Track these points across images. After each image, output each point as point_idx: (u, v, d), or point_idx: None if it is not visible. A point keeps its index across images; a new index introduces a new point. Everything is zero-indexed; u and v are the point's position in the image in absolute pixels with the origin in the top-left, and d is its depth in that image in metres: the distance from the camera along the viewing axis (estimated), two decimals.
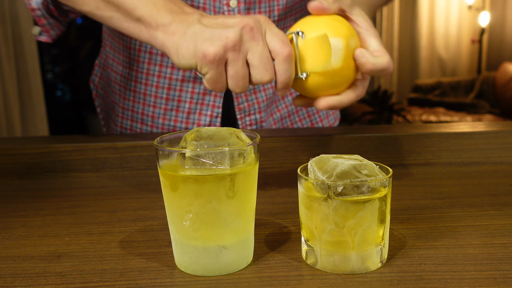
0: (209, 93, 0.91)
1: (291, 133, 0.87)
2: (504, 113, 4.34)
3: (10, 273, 0.49)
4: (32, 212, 0.66)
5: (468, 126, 0.87)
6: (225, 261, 0.48)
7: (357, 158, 0.49)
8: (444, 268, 0.48)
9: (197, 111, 0.92)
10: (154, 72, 0.91)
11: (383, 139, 0.83)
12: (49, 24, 0.85)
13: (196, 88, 0.91)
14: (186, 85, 0.91)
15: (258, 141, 0.49)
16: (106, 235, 0.58)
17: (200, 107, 0.92)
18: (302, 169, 0.50)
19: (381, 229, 0.48)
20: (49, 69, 4.40)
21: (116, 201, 0.69)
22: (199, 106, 0.92)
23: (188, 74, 0.90)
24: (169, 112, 0.93)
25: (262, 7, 0.87)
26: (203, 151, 0.46)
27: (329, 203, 0.46)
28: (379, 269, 0.48)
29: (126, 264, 0.50)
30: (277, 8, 0.88)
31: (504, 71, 4.47)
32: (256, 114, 0.93)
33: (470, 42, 5.23)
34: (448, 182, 0.74)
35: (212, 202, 0.46)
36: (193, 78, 0.90)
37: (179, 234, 0.48)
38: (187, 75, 0.90)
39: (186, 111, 0.92)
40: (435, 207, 0.64)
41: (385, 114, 4.29)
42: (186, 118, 0.93)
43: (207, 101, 0.91)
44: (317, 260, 0.48)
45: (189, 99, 0.91)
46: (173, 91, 0.91)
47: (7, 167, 0.81)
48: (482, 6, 5.08)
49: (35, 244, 0.56)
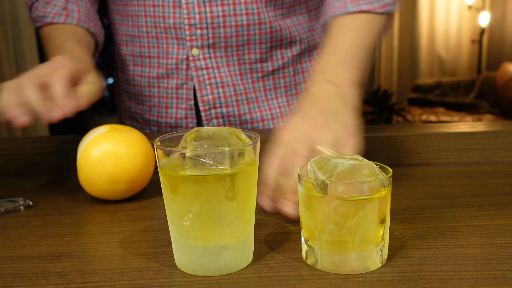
0: (181, 86, 0.93)
1: None
2: (504, 113, 4.34)
3: (10, 273, 0.49)
4: (32, 212, 0.66)
5: (468, 126, 0.87)
6: (225, 261, 0.48)
7: (357, 158, 0.49)
8: (444, 268, 0.48)
9: (173, 105, 0.95)
10: (137, 72, 0.96)
11: (383, 139, 0.83)
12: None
13: (170, 83, 0.94)
14: (162, 81, 0.94)
15: (258, 141, 0.49)
16: (106, 235, 0.58)
17: (176, 101, 0.95)
18: (302, 169, 0.50)
19: (381, 229, 0.48)
20: None
21: (116, 201, 0.69)
22: (174, 100, 0.95)
23: (161, 70, 0.93)
24: (153, 108, 0.97)
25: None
26: (203, 151, 0.46)
27: (329, 203, 0.46)
28: (379, 269, 0.48)
29: (126, 264, 0.50)
30: None
31: (504, 71, 4.47)
32: (223, 108, 0.94)
33: (470, 42, 5.23)
34: (448, 182, 0.74)
35: (212, 202, 0.46)
36: (165, 74, 0.93)
37: (179, 234, 0.48)
38: (160, 72, 0.93)
39: (164, 105, 0.96)
40: (435, 207, 0.64)
41: (385, 114, 4.29)
42: (165, 112, 0.96)
43: (180, 95, 0.94)
44: (317, 260, 0.48)
45: (165, 94, 0.95)
46: (152, 87, 0.95)
47: (7, 167, 0.81)
48: (482, 6, 5.08)
49: (35, 244, 0.56)
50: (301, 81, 0.99)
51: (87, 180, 0.67)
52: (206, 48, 0.91)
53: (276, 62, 0.95)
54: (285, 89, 0.98)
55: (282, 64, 0.96)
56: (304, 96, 0.69)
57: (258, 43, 0.92)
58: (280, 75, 0.96)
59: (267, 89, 0.96)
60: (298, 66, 0.98)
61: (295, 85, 0.98)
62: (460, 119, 4.25)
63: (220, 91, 0.93)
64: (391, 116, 4.33)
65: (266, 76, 0.95)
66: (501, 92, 4.43)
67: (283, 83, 0.97)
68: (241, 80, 0.94)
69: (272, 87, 0.96)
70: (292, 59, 0.96)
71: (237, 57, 0.92)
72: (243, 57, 0.93)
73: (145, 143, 0.69)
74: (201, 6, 0.88)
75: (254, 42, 0.92)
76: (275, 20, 0.91)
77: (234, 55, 0.92)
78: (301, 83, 0.99)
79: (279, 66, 0.96)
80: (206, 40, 0.90)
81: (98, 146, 0.66)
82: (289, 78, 0.97)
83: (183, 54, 0.91)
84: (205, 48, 0.91)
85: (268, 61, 0.94)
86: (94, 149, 0.66)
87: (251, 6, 0.89)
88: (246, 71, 0.94)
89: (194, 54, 0.91)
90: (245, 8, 0.89)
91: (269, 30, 0.91)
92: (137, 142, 0.68)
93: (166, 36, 0.91)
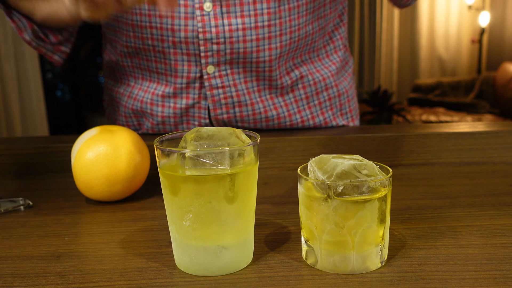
0: (192, 106, 0.87)
1: (291, 133, 0.87)
2: (504, 113, 4.34)
3: (10, 273, 0.49)
4: (32, 212, 0.66)
5: (468, 126, 0.87)
6: (225, 261, 0.48)
7: (357, 158, 0.49)
8: (444, 268, 0.48)
9: (183, 122, 0.89)
10: (143, 88, 0.89)
11: (383, 139, 0.83)
12: (49, 50, 0.84)
13: (178, 103, 0.87)
14: (168, 100, 0.87)
15: (258, 141, 0.49)
16: (106, 235, 0.58)
17: (186, 118, 0.88)
18: (302, 169, 0.50)
19: (381, 229, 0.48)
20: (49, 69, 4.41)
21: (116, 201, 0.69)
22: (184, 118, 0.89)
23: (168, 89, 0.87)
24: (158, 126, 0.91)
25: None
26: (203, 151, 0.46)
27: (329, 203, 0.46)
28: (379, 269, 0.48)
29: (126, 264, 0.50)
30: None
31: (504, 71, 4.47)
32: (239, 124, 0.89)
33: (470, 42, 5.23)
34: (448, 182, 0.74)
35: (212, 202, 0.46)
36: (173, 93, 0.87)
37: (179, 234, 0.48)
38: (167, 91, 0.87)
39: (173, 123, 0.90)
40: (435, 207, 0.64)
41: (385, 114, 4.29)
42: (175, 128, 0.91)
43: (191, 113, 0.88)
44: (317, 260, 0.48)
45: (172, 113, 0.88)
46: (155, 106, 0.89)
47: (7, 167, 0.81)
48: (482, 6, 5.07)
49: (35, 244, 0.56)
50: (323, 89, 0.92)
51: (84, 184, 0.67)
52: (222, 65, 0.82)
53: (294, 74, 0.89)
54: (307, 101, 0.91)
55: (300, 74, 0.89)
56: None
57: (279, 57, 0.84)
58: (300, 86, 0.90)
59: (288, 103, 0.90)
60: (318, 74, 0.91)
61: (317, 94, 0.91)
62: (460, 119, 4.25)
63: (236, 110, 0.87)
64: (391, 116, 4.33)
65: (285, 89, 0.88)
66: (501, 92, 4.43)
67: (304, 94, 0.90)
68: (259, 97, 0.87)
69: (293, 100, 0.90)
70: (311, 71, 0.90)
71: (256, 74, 0.85)
72: (263, 74, 0.85)
73: (138, 140, 0.69)
74: (218, 18, 0.79)
75: (276, 57, 0.84)
76: (296, 30, 0.84)
77: (253, 71, 0.84)
78: (323, 91, 0.92)
79: (297, 77, 0.89)
80: (223, 56, 0.81)
81: (91, 149, 0.66)
82: (309, 87, 0.90)
83: (196, 72, 0.83)
84: (222, 65, 0.82)
85: (288, 74, 0.88)
86: (87, 152, 0.66)
87: (273, 17, 0.80)
88: (265, 87, 0.87)
89: (209, 72, 0.83)
90: (268, 20, 0.81)
91: (289, 42, 0.84)
92: (130, 141, 0.68)
93: (175, 51, 0.82)
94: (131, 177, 0.67)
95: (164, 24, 0.80)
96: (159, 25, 0.80)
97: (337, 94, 0.95)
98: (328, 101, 0.94)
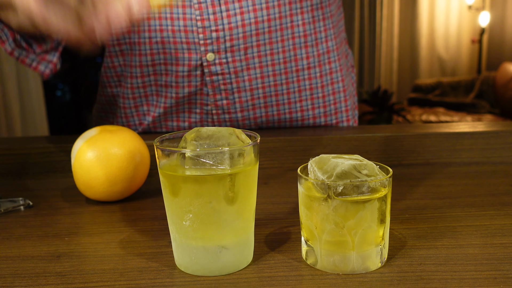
0: (194, 93, 0.87)
1: (291, 133, 0.87)
2: (504, 113, 4.34)
3: (10, 273, 0.49)
4: (32, 212, 0.66)
5: (468, 126, 0.87)
6: (225, 261, 0.48)
7: (357, 158, 0.49)
8: (444, 268, 0.48)
9: (185, 110, 0.89)
10: (136, 85, 0.89)
11: (383, 139, 0.83)
12: (34, 60, 0.76)
13: (180, 92, 0.87)
14: (170, 90, 0.87)
15: (258, 141, 0.49)
16: (106, 235, 0.58)
17: (188, 106, 0.89)
18: (302, 169, 0.50)
19: (381, 229, 0.48)
20: None
21: (116, 201, 0.69)
22: (186, 106, 0.89)
23: (170, 78, 0.86)
24: (160, 117, 0.91)
25: None
26: (203, 151, 0.46)
27: (329, 203, 0.46)
28: (379, 269, 0.48)
29: (126, 264, 0.50)
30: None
31: (504, 71, 4.47)
32: (238, 113, 0.88)
33: (470, 42, 5.23)
34: (448, 182, 0.74)
35: (212, 202, 0.46)
36: (175, 82, 0.86)
37: (179, 234, 0.48)
38: (169, 80, 0.87)
39: (175, 111, 0.90)
40: (435, 207, 0.64)
41: (385, 114, 4.29)
42: (176, 117, 0.91)
43: (194, 100, 0.88)
44: (317, 260, 0.48)
45: (174, 103, 0.88)
46: (160, 97, 0.89)
47: (7, 167, 0.81)
48: (482, 6, 5.08)
49: (35, 244, 0.56)
50: (329, 83, 0.91)
51: (84, 184, 0.67)
52: (223, 52, 0.83)
53: (300, 62, 0.87)
54: (310, 92, 0.90)
55: (307, 64, 0.88)
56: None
57: (280, 41, 0.85)
58: (306, 76, 0.89)
59: (290, 92, 0.89)
60: (326, 66, 0.90)
61: (322, 87, 0.91)
62: (460, 119, 4.25)
63: (235, 96, 0.87)
64: (391, 116, 4.33)
65: (289, 78, 0.88)
66: (501, 92, 4.43)
67: (309, 85, 0.90)
68: (262, 83, 0.87)
69: (297, 89, 0.89)
70: (319, 59, 0.89)
71: (259, 59, 0.85)
72: (265, 59, 0.85)
73: (137, 140, 0.69)
74: (216, 4, 0.80)
75: (276, 41, 0.84)
76: (297, 13, 0.84)
77: (255, 57, 0.85)
78: (328, 85, 0.91)
79: (303, 67, 0.88)
80: (222, 43, 0.82)
81: (91, 150, 0.66)
82: (315, 79, 0.90)
83: (197, 60, 0.84)
84: (222, 53, 0.83)
85: (292, 61, 0.87)
86: (87, 153, 0.66)
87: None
88: (268, 74, 0.87)
89: (209, 59, 0.83)
90: (265, 2, 0.81)
91: (290, 25, 0.84)
92: (130, 141, 0.68)
93: (174, 40, 0.83)
94: (131, 177, 0.67)
95: (162, 14, 0.81)
96: (157, 15, 0.82)
97: (342, 89, 0.94)
98: (332, 95, 0.93)
